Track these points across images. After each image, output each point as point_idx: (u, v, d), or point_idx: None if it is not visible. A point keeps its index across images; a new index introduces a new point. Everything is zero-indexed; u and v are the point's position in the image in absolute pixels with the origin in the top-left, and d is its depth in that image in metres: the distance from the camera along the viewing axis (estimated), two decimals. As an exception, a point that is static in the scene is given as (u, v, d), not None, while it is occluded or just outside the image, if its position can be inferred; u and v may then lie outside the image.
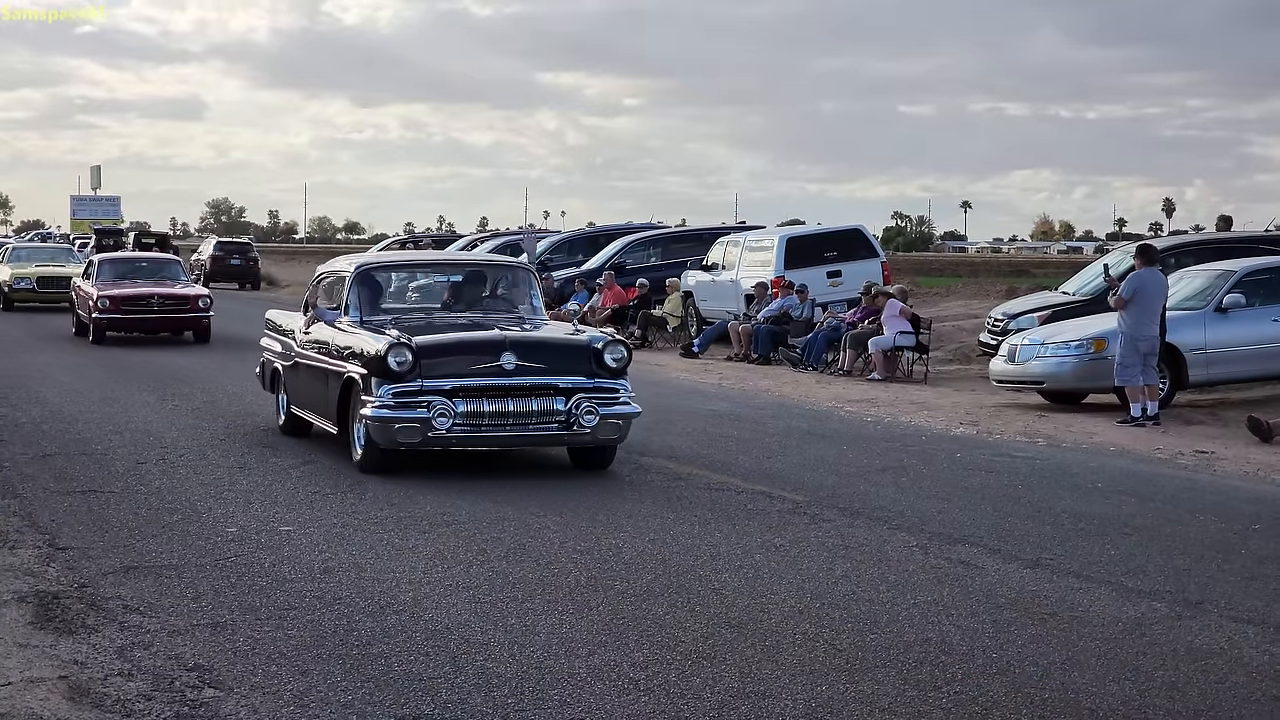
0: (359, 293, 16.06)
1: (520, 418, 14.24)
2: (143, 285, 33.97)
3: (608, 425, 14.46)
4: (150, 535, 11.65)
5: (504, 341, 14.45)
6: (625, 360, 14.73)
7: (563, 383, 14.36)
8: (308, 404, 16.60)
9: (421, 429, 13.99)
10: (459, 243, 55.13)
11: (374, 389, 14.16)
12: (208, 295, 33.79)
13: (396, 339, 14.29)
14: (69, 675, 7.96)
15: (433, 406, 13.99)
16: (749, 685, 7.89)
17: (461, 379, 14.18)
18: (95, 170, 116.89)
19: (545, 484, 14.21)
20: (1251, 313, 21.54)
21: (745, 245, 34.81)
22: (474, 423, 14.14)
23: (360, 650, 8.47)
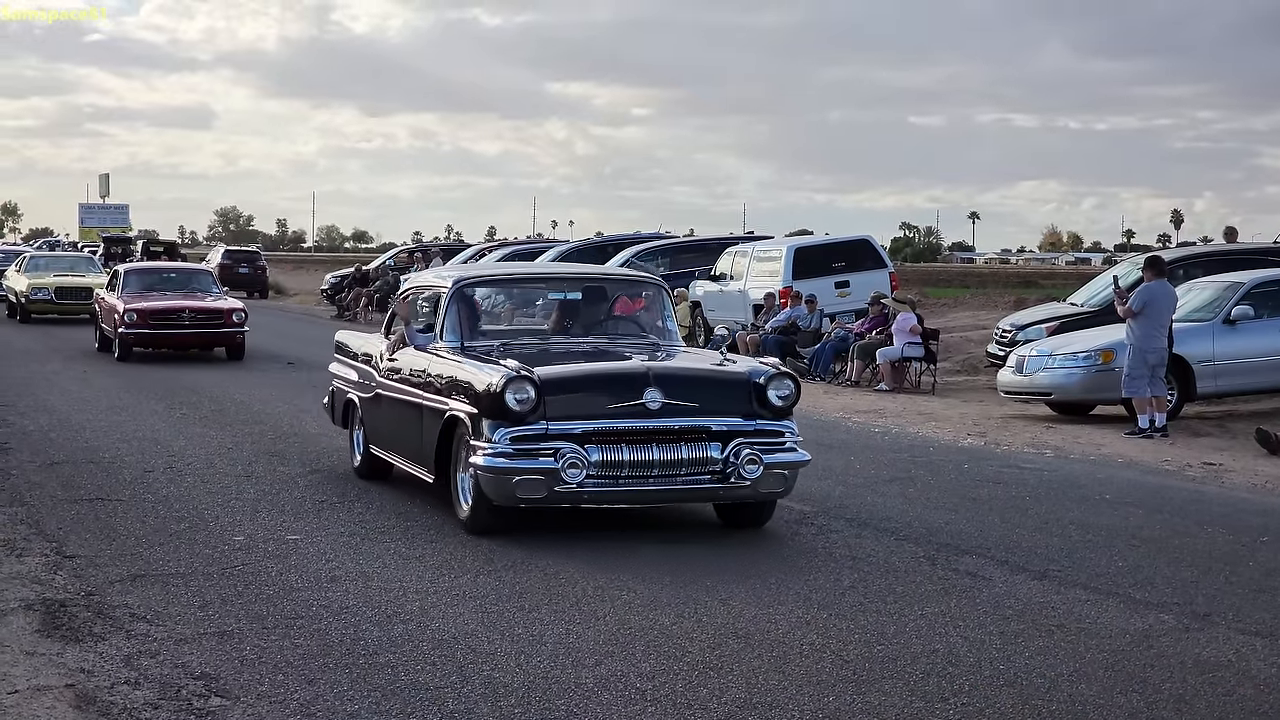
0: (459, 312, 13.55)
1: (667, 468, 11.79)
2: (172, 298, 31.51)
3: (773, 476, 12.05)
4: (157, 543, 11.66)
5: (647, 374, 11.95)
6: (793, 398, 12.38)
7: (717, 425, 11.95)
8: (393, 444, 14.14)
9: (547, 482, 11.50)
10: (466, 252, 55.09)
11: (487, 432, 11.67)
12: (242, 309, 31.22)
13: (516, 371, 11.69)
14: (76, 683, 7.96)
15: (561, 455, 11.49)
16: (756, 696, 7.88)
17: (596, 421, 11.69)
18: (104, 178, 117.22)
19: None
20: (1260, 325, 21.51)
21: (753, 255, 34.81)
22: (610, 474, 11.65)
23: (367, 659, 8.47)
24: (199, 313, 30.82)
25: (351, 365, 15.60)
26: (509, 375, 11.66)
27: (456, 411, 12.24)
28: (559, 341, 13.72)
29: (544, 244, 54.17)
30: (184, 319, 30.53)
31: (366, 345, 15.41)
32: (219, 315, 30.85)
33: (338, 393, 15.96)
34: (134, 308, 30.10)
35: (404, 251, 66.57)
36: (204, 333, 30.80)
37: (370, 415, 14.76)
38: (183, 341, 30.82)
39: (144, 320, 29.99)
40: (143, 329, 30.03)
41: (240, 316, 30.63)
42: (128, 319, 29.84)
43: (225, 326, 30.61)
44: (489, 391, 11.70)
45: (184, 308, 30.80)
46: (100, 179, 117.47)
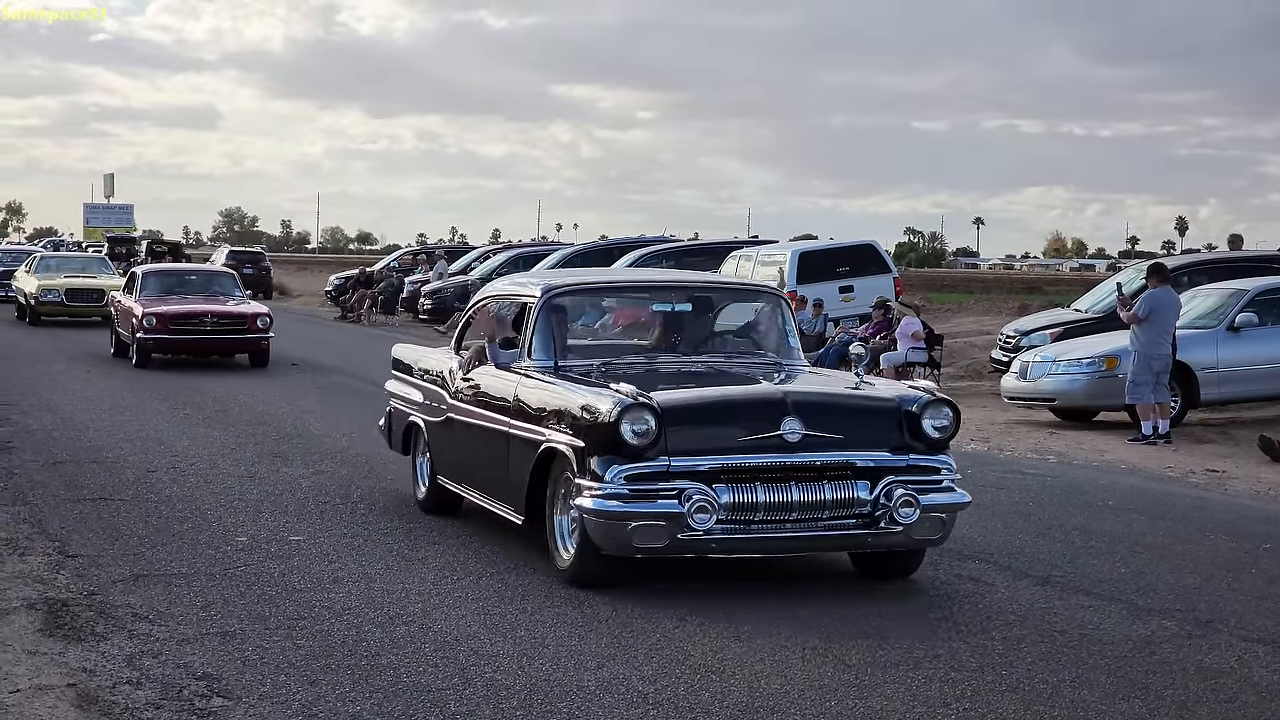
0: (550, 326, 11.78)
1: (807, 511, 10.11)
2: (193, 301, 29.81)
3: (930, 520, 10.33)
4: (160, 544, 11.66)
5: (784, 401, 10.30)
6: (951, 429, 10.65)
7: (863, 460, 10.29)
8: (469, 477, 12.39)
9: (669, 529, 9.81)
10: (472, 254, 55.12)
11: (597, 469, 9.96)
12: (267, 314, 29.59)
13: (633, 397, 9.92)
14: (78, 683, 7.96)
15: (687, 497, 9.79)
16: (758, 700, 7.88)
17: (725, 456, 10.02)
18: (108, 178, 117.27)
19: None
20: (1264, 332, 21.51)
21: (757, 259, 34.76)
22: (742, 519, 9.97)
23: (369, 661, 8.47)
24: (222, 317, 29.18)
25: (415, 384, 13.74)
26: (625, 402, 9.91)
27: (556, 444, 10.48)
28: (667, 360, 11.97)
29: (549, 247, 54.15)
30: (206, 324, 28.93)
31: (433, 362, 13.49)
32: (243, 320, 29.22)
33: (397, 414, 14.14)
34: (153, 311, 28.47)
35: (408, 253, 66.67)
36: (227, 338, 29.19)
37: (439, 442, 12.94)
38: (205, 348, 29.24)
39: (164, 325, 28.40)
40: (162, 334, 28.40)
41: (265, 321, 29.04)
42: (147, 323, 28.16)
43: (249, 332, 28.93)
44: (600, 421, 9.99)
45: (206, 312, 29.19)
46: (105, 179, 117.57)
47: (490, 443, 11.71)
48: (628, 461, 9.92)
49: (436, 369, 13.25)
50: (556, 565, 10.60)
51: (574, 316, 12.52)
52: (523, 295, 12.41)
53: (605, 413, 9.97)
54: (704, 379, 11.46)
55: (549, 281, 12.43)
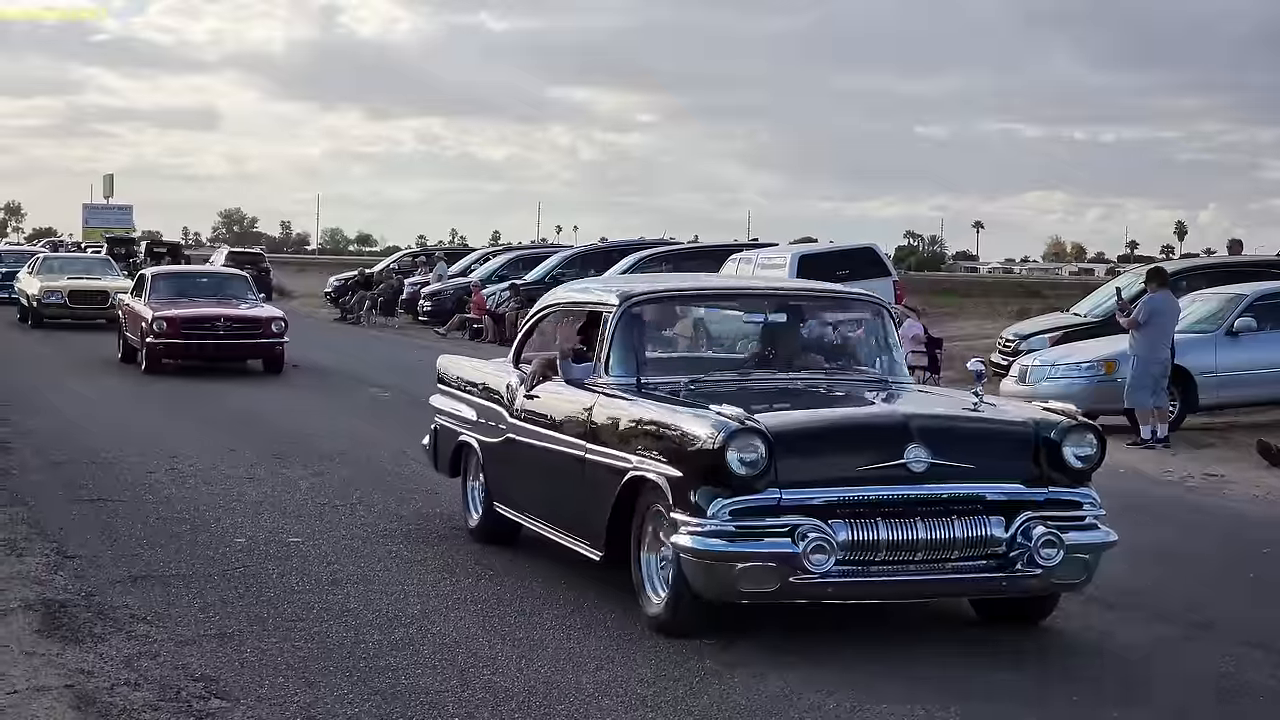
0: (631, 339, 10.58)
1: (934, 550, 8.95)
2: (205, 305, 28.54)
3: (1073, 562, 9.17)
4: (158, 545, 11.66)
5: (907, 426, 9.12)
6: (1096, 457, 9.51)
7: (994, 493, 9.12)
8: (534, 505, 11.23)
9: (781, 571, 8.68)
10: (471, 256, 55.16)
11: (697, 502, 8.78)
12: (282, 318, 28.53)
13: (740, 421, 8.77)
14: (75, 684, 7.96)
15: (802, 535, 8.64)
16: (756, 703, 7.88)
17: (841, 488, 8.89)
18: (108, 179, 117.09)
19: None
20: (1263, 337, 21.52)
21: (757, 263, 34.76)
22: (861, 559, 8.83)
23: (368, 663, 8.47)
24: (235, 321, 27.96)
25: (466, 400, 12.58)
26: (731, 427, 8.76)
27: (645, 472, 9.31)
28: (761, 378, 10.78)
29: (549, 249, 54.19)
30: (219, 328, 27.75)
31: (489, 376, 12.34)
32: (257, 324, 28.08)
33: (445, 433, 12.91)
34: (164, 315, 27.30)
35: (408, 255, 66.71)
36: (240, 343, 28.03)
37: (498, 465, 11.77)
38: (217, 353, 27.99)
39: (175, 329, 27.19)
40: (173, 339, 27.19)
41: (280, 326, 27.89)
42: (157, 328, 27.02)
43: (264, 337, 27.81)
44: (702, 448, 8.82)
45: (218, 316, 27.97)
46: (104, 179, 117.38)
47: (561, 468, 10.53)
48: (733, 494, 8.75)
49: (493, 384, 12.03)
50: (645, 610, 9.41)
51: (655, 327, 11.26)
52: (596, 304, 11.15)
53: (708, 438, 8.80)
54: (810, 400, 10.37)
55: (628, 289, 11.10)
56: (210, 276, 32.94)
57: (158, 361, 27.16)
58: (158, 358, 27.19)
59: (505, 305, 40.40)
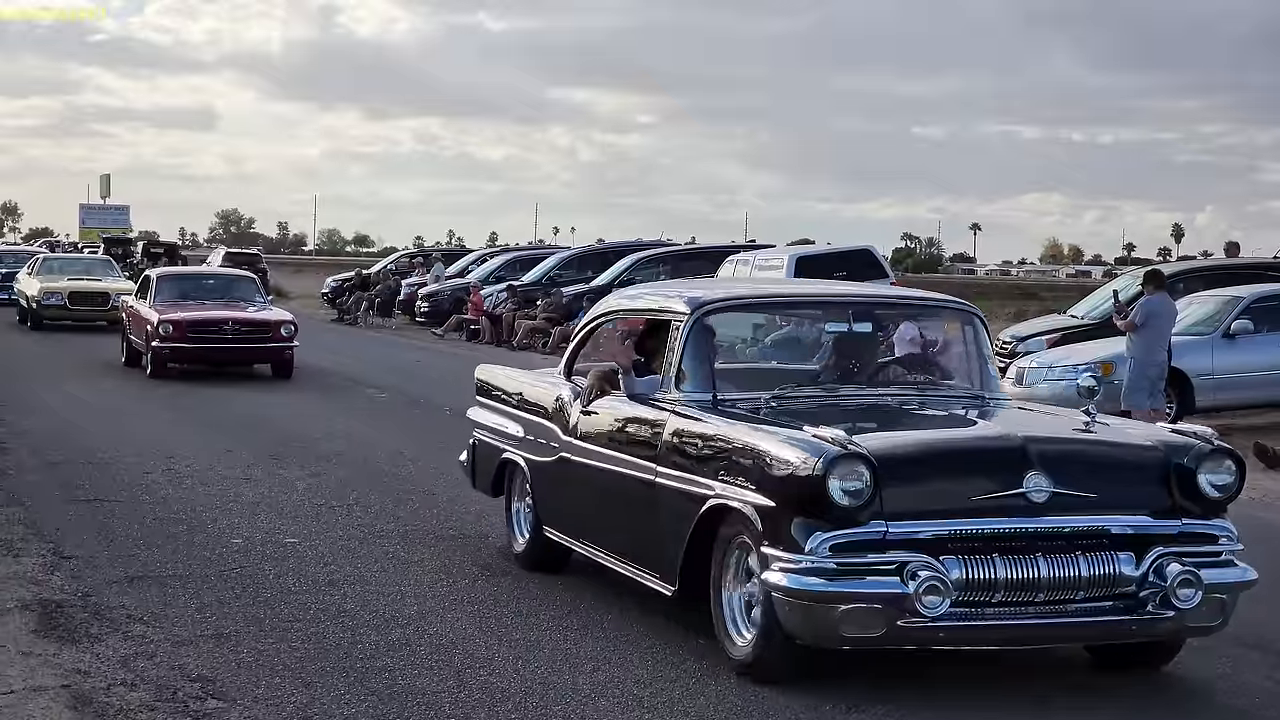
0: (703, 351, 9.70)
1: (1057, 590, 8.04)
2: (212, 308, 27.65)
3: (1210, 604, 8.30)
4: (155, 545, 11.66)
5: (1025, 450, 8.20)
6: (1235, 486, 8.83)
7: (1122, 525, 8.26)
8: (593, 532, 10.29)
9: (889, 614, 7.81)
10: (468, 258, 55.16)
11: (794, 536, 7.92)
12: (292, 321, 27.45)
13: (842, 445, 7.92)
14: (72, 684, 7.97)
15: (911, 573, 7.77)
16: (752, 704, 7.88)
17: (955, 520, 8.01)
18: (105, 179, 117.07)
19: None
20: (1259, 339, 21.54)
21: (755, 264, 34.76)
22: (976, 601, 7.95)
23: (364, 663, 8.48)
24: (243, 325, 27.00)
25: (511, 415, 11.65)
26: (832, 452, 7.89)
27: (729, 500, 8.42)
28: (848, 394, 9.85)
29: (546, 250, 54.20)
30: (226, 332, 26.82)
31: (538, 388, 11.39)
32: (266, 328, 27.12)
33: (486, 449, 12.05)
34: (170, 318, 26.34)
35: (405, 256, 66.69)
36: (249, 347, 27.19)
37: (549, 487, 10.84)
38: (225, 357, 27.18)
39: (181, 333, 26.25)
40: (180, 343, 26.26)
41: (290, 330, 26.87)
42: (163, 331, 26.11)
43: (273, 341, 26.88)
44: (799, 475, 7.95)
45: (227, 319, 26.98)
46: (101, 179, 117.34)
47: (626, 493, 9.60)
48: (834, 526, 7.88)
49: (543, 398, 11.07)
50: (727, 652, 8.55)
51: (728, 337, 10.47)
52: (662, 311, 10.23)
53: (805, 464, 7.94)
54: (910, 420, 9.51)
55: (698, 295, 10.13)
56: (217, 278, 31.95)
57: (163, 366, 26.25)
58: (164, 362, 26.27)
59: (503, 306, 40.41)
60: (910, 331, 10.35)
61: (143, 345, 27.13)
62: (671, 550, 8.93)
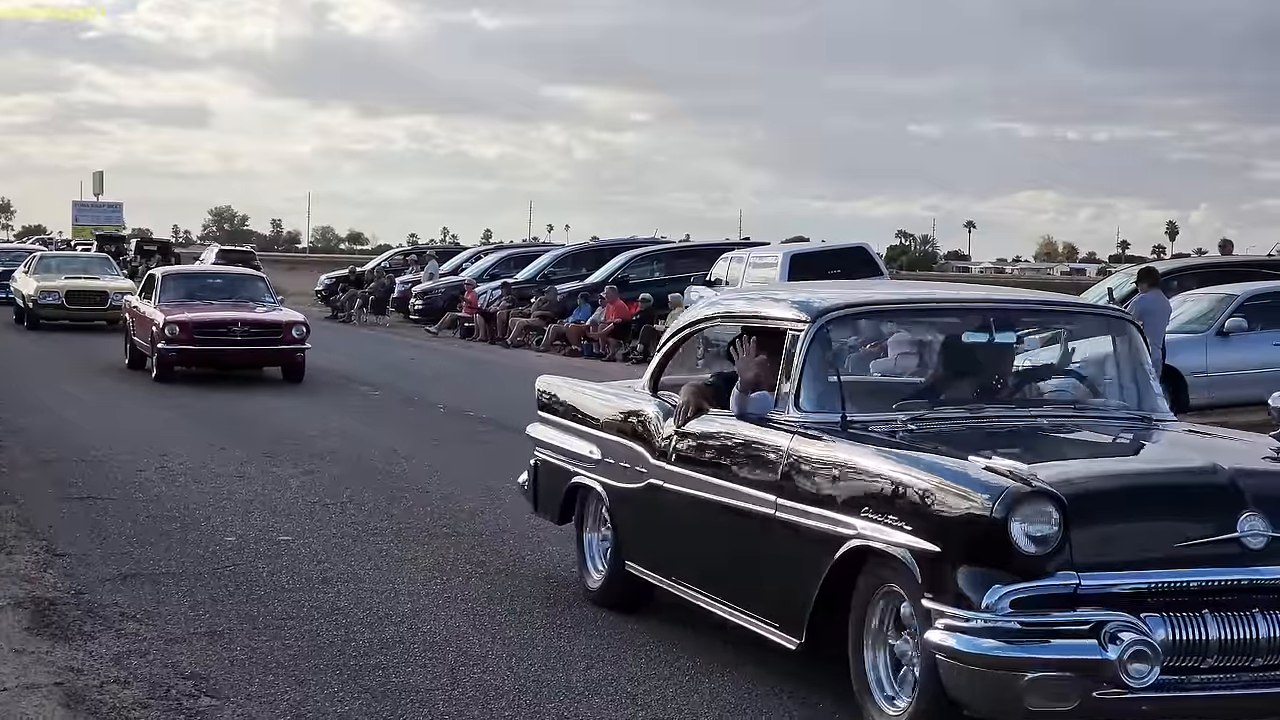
0: (830, 365, 8.52)
1: (1277, 653, 6.80)
2: (220, 308, 26.51)
3: None
4: (148, 543, 11.64)
5: (1238, 489, 7.01)
6: None
7: None
8: (692, 570, 9.00)
9: (1083, 683, 6.59)
10: (462, 255, 55.17)
11: (964, 588, 6.75)
12: (303, 322, 26.30)
13: (1025, 482, 6.78)
14: (65, 682, 7.95)
15: (1111, 634, 6.58)
16: (745, 702, 7.88)
17: (1158, 571, 6.83)
18: (98, 176, 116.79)
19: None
20: (1253, 337, 21.59)
21: (749, 262, 34.79)
22: (1184, 665, 6.77)
23: (358, 661, 8.46)
24: (253, 326, 25.90)
25: (584, 432, 10.34)
26: (1014, 490, 6.73)
27: (875, 542, 7.24)
28: (996, 415, 8.56)
29: (540, 247, 54.26)
30: (235, 333, 25.68)
31: (615, 403, 10.21)
32: (276, 329, 26.00)
33: (552, 471, 10.73)
34: (176, 319, 25.15)
35: (399, 253, 66.74)
36: (258, 349, 25.99)
37: (634, 517, 9.58)
38: (234, 360, 26.13)
39: (188, 335, 25.09)
40: (186, 345, 25.13)
41: (301, 331, 25.76)
42: (169, 333, 24.90)
43: (284, 342, 25.71)
44: (972, 516, 6.78)
45: (235, 320, 25.86)
46: (94, 177, 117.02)
47: (737, 527, 8.42)
48: (1016, 578, 6.66)
49: (625, 415, 9.87)
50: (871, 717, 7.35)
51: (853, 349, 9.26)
52: (774, 319, 8.94)
53: (980, 504, 6.75)
54: (1084, 448, 8.28)
55: (819, 301, 8.86)
56: (225, 277, 30.62)
57: (169, 369, 25.14)
58: (170, 365, 25.17)
59: (497, 304, 40.43)
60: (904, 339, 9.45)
61: (147, 347, 26.07)
62: (796, 597, 7.73)
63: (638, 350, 33.66)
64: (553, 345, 36.03)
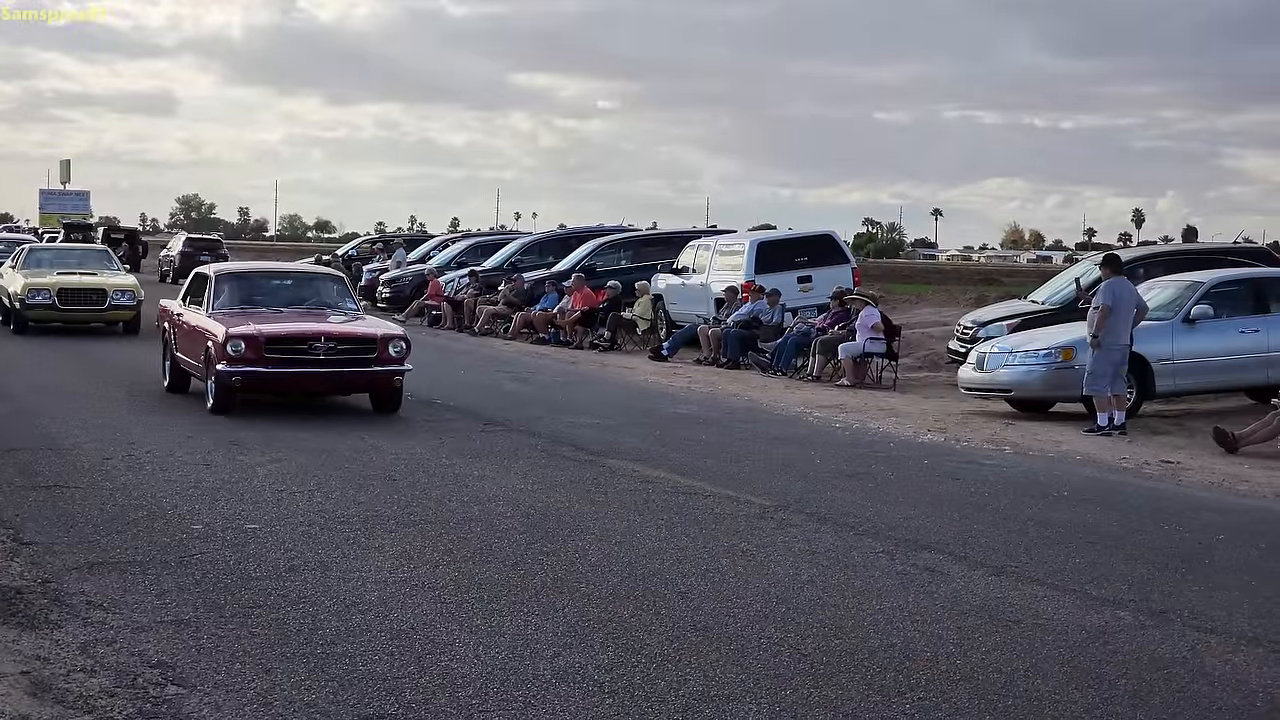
0: None
1: None
2: (293, 318, 20.55)
3: None
4: (115, 531, 11.61)
5: None
6: None
7: None
8: None
9: None
10: (430, 243, 55.10)
11: None
12: (401, 336, 20.11)
13: None
14: (31, 671, 7.93)
15: None
16: (714, 689, 7.89)
17: None
18: (64, 164, 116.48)
19: (513, 485, 14.16)
20: (1219, 324, 21.66)
21: (716, 249, 34.85)
22: None
23: (325, 649, 8.46)
24: (340, 341, 19.67)
25: None
26: None
27: None
28: None
29: (508, 235, 54.21)
30: (318, 351, 19.40)
31: None
32: (369, 346, 19.81)
33: None
34: (242, 332, 19.27)
35: (366, 242, 66.62)
36: (347, 373, 19.72)
37: None
38: (316, 385, 20.03)
39: (257, 353, 19.18)
40: (255, 365, 19.17)
41: (400, 348, 19.77)
42: (232, 350, 19.10)
43: (379, 363, 19.64)
44: None
45: (318, 334, 19.60)
46: (61, 165, 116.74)
47: None
48: None
49: None
50: None
51: None
52: None
53: None
54: None
55: None
56: (294, 277, 23.35)
57: (231, 396, 19.41)
58: (231, 390, 19.36)
59: (464, 292, 40.40)
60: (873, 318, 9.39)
61: (198, 368, 20.36)
62: None
63: (605, 338, 33.72)
64: (520, 333, 36.03)
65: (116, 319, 33.15)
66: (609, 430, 18.58)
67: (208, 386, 19.70)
